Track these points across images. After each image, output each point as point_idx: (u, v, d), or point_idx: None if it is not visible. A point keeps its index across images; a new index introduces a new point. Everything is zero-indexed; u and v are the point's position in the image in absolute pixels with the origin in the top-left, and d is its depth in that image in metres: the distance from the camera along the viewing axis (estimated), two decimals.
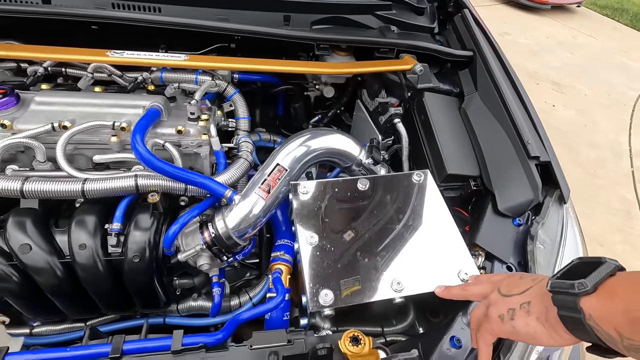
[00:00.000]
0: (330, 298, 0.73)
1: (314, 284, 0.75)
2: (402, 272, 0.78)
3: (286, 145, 0.98)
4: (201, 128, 1.00)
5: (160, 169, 0.85)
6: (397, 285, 0.76)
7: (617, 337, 0.40)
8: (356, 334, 0.74)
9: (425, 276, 0.78)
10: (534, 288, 0.52)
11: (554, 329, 0.47)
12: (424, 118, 1.15)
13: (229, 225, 0.90)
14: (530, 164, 0.99)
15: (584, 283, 0.42)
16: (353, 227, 0.86)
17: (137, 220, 0.88)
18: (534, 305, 0.50)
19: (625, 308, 0.39)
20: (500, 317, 0.54)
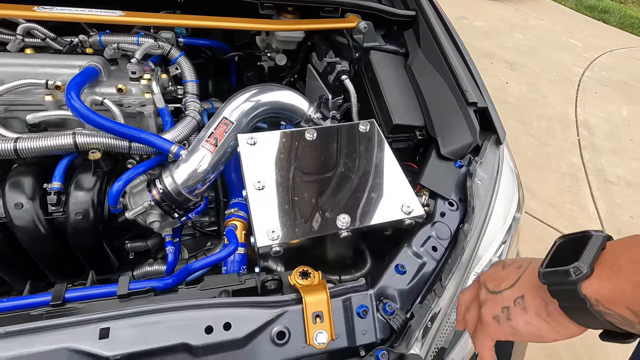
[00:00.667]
0: (277, 234, 0.74)
1: (260, 221, 0.76)
2: (349, 209, 0.81)
3: (233, 99, 0.97)
4: (143, 87, 0.98)
5: (99, 124, 0.83)
6: (343, 220, 0.78)
7: (632, 316, 0.34)
8: (305, 269, 0.76)
9: (371, 211, 0.81)
10: (523, 278, 0.46)
11: (557, 323, 0.41)
12: (371, 75, 1.19)
13: (178, 181, 0.89)
14: (469, 110, 1.04)
15: (579, 267, 0.36)
16: (301, 173, 0.88)
17: (78, 178, 0.85)
18: (529, 300, 0.44)
19: (635, 280, 0.34)
20: (496, 318, 0.46)
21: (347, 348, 0.69)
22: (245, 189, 0.83)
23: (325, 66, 1.25)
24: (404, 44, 1.30)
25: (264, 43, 1.47)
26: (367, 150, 0.96)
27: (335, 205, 0.82)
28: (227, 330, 0.63)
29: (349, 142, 0.97)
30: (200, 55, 1.42)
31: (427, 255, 0.81)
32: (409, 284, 0.76)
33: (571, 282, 0.37)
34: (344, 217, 0.79)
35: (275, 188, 0.83)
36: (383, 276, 0.76)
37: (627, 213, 2.81)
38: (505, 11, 6.26)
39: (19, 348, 0.54)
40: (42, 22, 1.03)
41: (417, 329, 0.72)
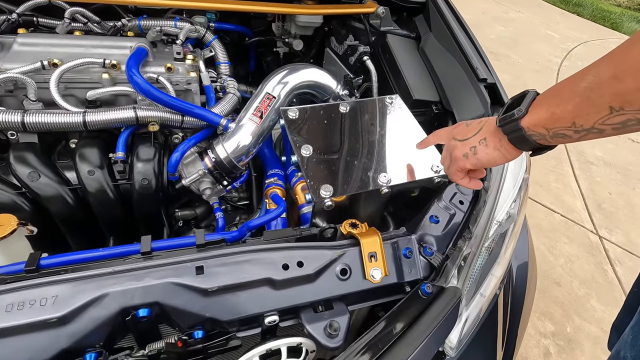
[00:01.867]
0: (330, 190, 0.85)
1: (314, 182, 0.87)
2: (387, 170, 0.92)
3: (272, 77, 1.07)
4: (189, 66, 1.06)
5: (159, 98, 0.91)
6: (384, 179, 0.89)
7: (545, 131, 0.55)
8: (353, 221, 0.87)
9: (406, 171, 0.93)
10: (484, 128, 0.66)
11: (506, 151, 0.63)
12: (389, 57, 1.30)
13: (228, 150, 0.98)
14: (480, 85, 1.17)
15: (520, 109, 0.57)
16: (340, 140, 0.98)
17: (139, 149, 0.93)
18: (489, 140, 0.65)
19: (547, 110, 0.54)
20: (465, 155, 0.69)
21: (396, 283, 0.80)
22: (294, 155, 0.93)
23: (345, 49, 1.35)
24: (414, 29, 1.42)
25: (280, 29, 1.56)
26: (395, 120, 1.07)
27: (374, 167, 0.93)
28: (300, 267, 0.73)
29: (379, 113, 1.08)
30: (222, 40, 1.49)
31: (455, 208, 0.93)
32: (443, 230, 0.89)
33: (515, 119, 0.57)
34: (384, 176, 0.90)
35: (320, 153, 0.93)
36: (421, 224, 0.88)
37: (606, 190, 3.05)
38: (487, 4, 6.49)
39: (133, 281, 0.63)
40: (85, 6, 1.09)
41: (453, 267, 0.84)
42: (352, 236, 0.83)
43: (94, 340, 0.61)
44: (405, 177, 0.92)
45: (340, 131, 1.01)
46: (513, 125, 0.58)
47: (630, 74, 0.43)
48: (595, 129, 0.50)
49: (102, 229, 0.95)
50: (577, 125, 0.51)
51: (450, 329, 0.78)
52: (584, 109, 0.49)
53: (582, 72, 0.50)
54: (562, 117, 0.52)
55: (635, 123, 0.46)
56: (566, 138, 0.54)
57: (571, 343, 1.88)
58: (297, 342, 0.73)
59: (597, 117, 0.49)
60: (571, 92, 0.51)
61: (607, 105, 0.46)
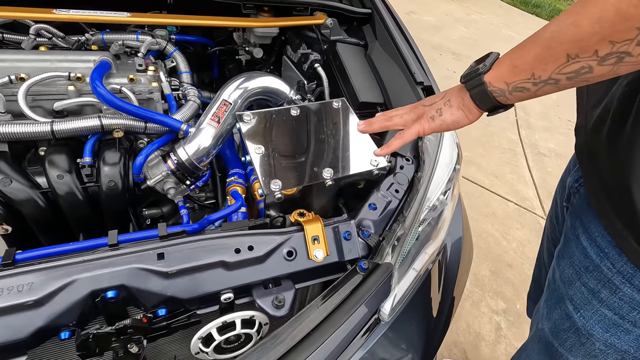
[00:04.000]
0: (279, 184, 0.97)
1: (265, 177, 0.98)
2: (331, 164, 1.05)
3: (229, 84, 1.18)
4: (150, 77, 1.16)
5: (123, 107, 1.01)
6: (328, 173, 1.02)
7: (505, 86, 0.59)
8: (302, 211, 0.99)
9: (348, 164, 1.06)
10: (449, 91, 0.72)
11: (468, 110, 0.68)
12: (338, 63, 1.43)
13: (189, 152, 1.08)
14: (417, 88, 1.32)
15: (485, 64, 0.62)
16: (291, 140, 1.10)
17: (106, 153, 1.02)
18: (453, 100, 0.70)
19: (509, 64, 0.59)
20: (432, 117, 0.74)
21: (337, 262, 0.93)
22: (249, 154, 1.04)
23: (299, 57, 1.47)
24: (363, 37, 1.56)
25: (241, 39, 1.67)
26: (341, 121, 1.20)
27: (320, 162, 1.06)
28: (250, 250, 0.85)
29: (326, 115, 1.21)
30: (185, 50, 1.59)
31: (391, 196, 1.07)
32: (380, 215, 1.02)
33: (479, 73, 0.63)
34: (328, 170, 1.03)
35: (272, 152, 1.05)
36: (360, 211, 1.02)
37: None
38: (450, 6, 6.79)
39: (101, 268, 0.73)
40: (50, 23, 1.17)
41: (388, 246, 0.97)
42: (298, 223, 0.95)
43: (68, 320, 0.71)
44: (347, 170, 1.05)
45: (291, 132, 1.13)
46: (476, 80, 0.64)
47: (587, 19, 0.47)
48: (552, 79, 0.54)
49: (72, 228, 1.03)
50: (535, 76, 0.56)
51: (384, 298, 0.92)
52: (543, 58, 0.53)
53: (546, 25, 0.55)
54: (522, 69, 0.57)
55: (588, 71, 0.50)
56: (524, 92, 0.59)
57: (520, 318, 2.07)
58: (250, 315, 0.85)
59: (555, 67, 0.53)
60: (533, 43, 0.56)
61: (565, 52, 0.51)
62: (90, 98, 1.04)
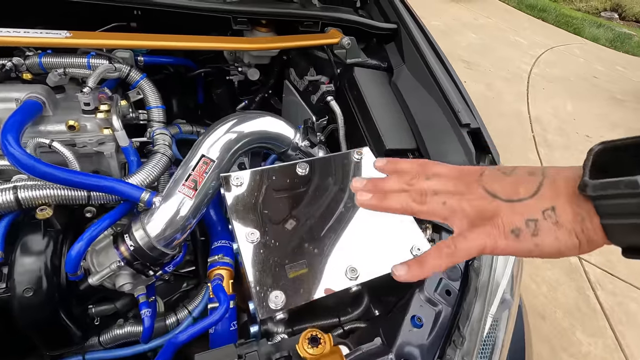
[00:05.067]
0: (282, 300, 0.64)
1: (260, 286, 0.66)
2: (354, 257, 0.73)
3: (211, 133, 0.85)
4: (101, 121, 0.82)
5: (47, 174, 0.67)
6: (352, 273, 0.70)
7: None
8: (314, 334, 0.67)
9: (379, 258, 0.74)
10: (547, 186, 0.39)
11: (588, 239, 0.36)
12: (357, 94, 1.11)
13: (151, 234, 0.75)
14: (462, 131, 1.00)
15: None
16: (296, 216, 0.78)
17: (24, 242, 0.69)
18: (561, 214, 0.37)
19: None
20: (514, 232, 0.38)
21: None
22: (237, 242, 0.72)
23: (306, 85, 1.15)
24: (385, 58, 1.24)
25: (233, 56, 1.34)
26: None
27: (340, 255, 0.73)
28: None
29: (343, 173, 0.89)
30: (162, 71, 1.26)
31: (441, 302, 0.75)
32: (429, 337, 0.70)
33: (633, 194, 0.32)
34: (352, 270, 0.70)
35: (272, 240, 0.73)
36: (400, 332, 0.69)
37: None
38: (457, 10, 6.50)
39: None
40: None
41: None
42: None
43: None
44: (379, 268, 0.72)
45: (298, 203, 0.80)
46: (627, 204, 0.33)
47: None
48: None
49: None
50: None
51: None
52: None
53: None
54: None
55: None
56: None
57: None
58: None
59: None
60: None
61: None
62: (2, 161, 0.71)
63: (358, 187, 0.47)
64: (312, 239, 0.75)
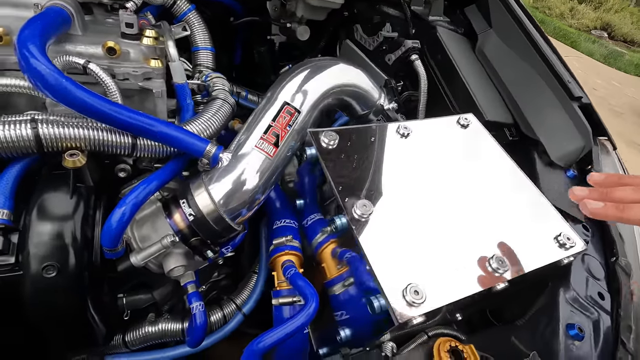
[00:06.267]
0: (423, 296, 0.46)
1: (391, 277, 0.47)
2: (494, 247, 0.55)
3: (291, 78, 0.65)
4: (147, 50, 0.61)
5: (85, 103, 0.46)
6: (500, 265, 0.52)
7: None
8: (454, 344, 0.49)
9: (522, 248, 0.56)
10: None
11: None
12: (441, 57, 0.93)
13: (219, 199, 0.55)
14: (574, 106, 0.84)
15: None
16: (408, 188, 0.59)
17: (43, 201, 0.47)
18: None
19: None
20: None
21: None
22: (346, 216, 0.52)
23: (380, 42, 0.96)
24: (461, 23, 1.07)
25: (278, 10, 1.14)
26: (478, 154, 0.70)
27: (474, 242, 0.55)
28: None
29: (453, 143, 0.71)
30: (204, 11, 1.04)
31: (594, 307, 0.58)
32: (596, 354, 0.53)
33: None
34: (499, 261, 0.52)
35: (386, 215, 0.54)
36: (559, 346, 0.52)
37: None
38: None
39: None
40: None
41: None
42: None
43: None
44: (525, 262, 0.55)
45: (405, 172, 0.62)
46: None
47: None
48: None
49: None
50: None
51: None
52: None
53: None
54: None
55: None
56: None
57: None
58: None
59: None
60: None
61: None
62: (19, 80, 0.49)
63: (582, 196, 0.46)
64: (436, 219, 0.56)
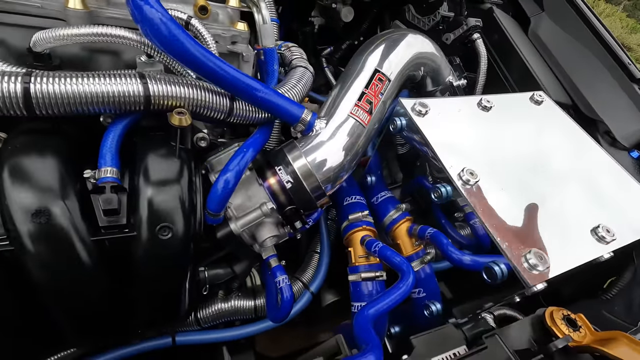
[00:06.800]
0: (547, 263, 0.45)
1: (513, 241, 0.46)
2: (598, 216, 0.54)
3: (376, 46, 0.63)
4: (234, 13, 0.59)
5: (197, 58, 0.44)
6: (606, 234, 0.51)
7: None
8: (567, 313, 0.48)
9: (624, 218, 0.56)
10: None
11: None
12: (499, 37, 0.93)
13: (315, 167, 0.53)
14: (634, 87, 0.85)
15: None
16: (504, 159, 0.58)
17: (150, 163, 0.45)
18: None
19: None
20: None
21: None
22: (454, 181, 0.51)
23: (437, 21, 0.95)
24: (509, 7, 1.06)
25: None
26: (558, 129, 0.70)
27: (577, 212, 0.55)
28: None
29: (532, 118, 0.70)
30: None
31: None
32: None
33: None
34: (607, 231, 0.52)
35: (491, 184, 0.53)
36: None
37: None
38: None
39: None
40: None
41: None
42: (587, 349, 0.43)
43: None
44: (631, 233, 0.54)
45: (496, 142, 0.61)
46: None
47: None
48: None
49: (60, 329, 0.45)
50: None
51: None
52: None
53: None
54: None
55: None
56: None
57: None
58: None
59: None
60: None
61: None
62: (121, 30, 0.46)
63: None
64: (537, 189, 0.56)
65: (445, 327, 0.47)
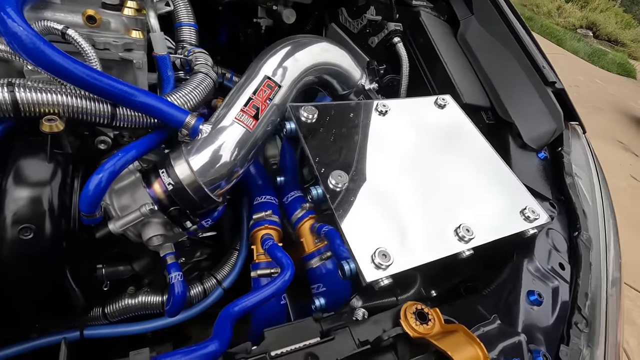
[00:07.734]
0: (390, 259, 0.48)
1: (358, 242, 0.49)
2: (463, 216, 0.58)
3: (271, 54, 0.66)
4: (128, 20, 0.61)
5: (62, 67, 0.47)
6: (466, 233, 0.55)
7: None
8: (420, 307, 0.51)
9: (488, 219, 0.59)
10: None
11: None
12: (423, 41, 0.95)
13: (197, 170, 0.56)
14: (547, 90, 0.88)
15: None
16: (383, 162, 0.62)
17: (20, 166, 0.48)
18: None
19: None
20: None
21: None
22: (321, 186, 0.54)
23: (364, 25, 0.98)
24: (444, 10, 1.09)
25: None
26: (453, 132, 0.73)
27: (443, 212, 0.58)
28: None
29: (429, 122, 0.73)
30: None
31: (555, 276, 0.62)
32: (553, 318, 0.56)
33: None
34: (466, 229, 0.55)
35: (361, 186, 0.56)
36: (519, 310, 0.55)
37: None
38: None
39: None
40: None
41: None
42: (425, 342, 0.47)
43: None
44: (490, 231, 0.58)
45: (382, 147, 0.64)
46: None
47: None
48: None
49: None
50: None
51: None
52: None
53: None
54: None
55: None
56: None
57: None
58: None
59: None
60: None
61: None
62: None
63: None
64: (406, 191, 0.59)
65: (304, 320, 0.50)
